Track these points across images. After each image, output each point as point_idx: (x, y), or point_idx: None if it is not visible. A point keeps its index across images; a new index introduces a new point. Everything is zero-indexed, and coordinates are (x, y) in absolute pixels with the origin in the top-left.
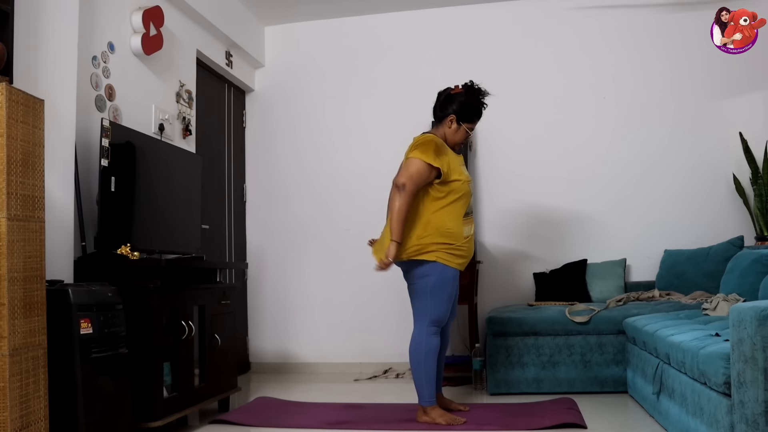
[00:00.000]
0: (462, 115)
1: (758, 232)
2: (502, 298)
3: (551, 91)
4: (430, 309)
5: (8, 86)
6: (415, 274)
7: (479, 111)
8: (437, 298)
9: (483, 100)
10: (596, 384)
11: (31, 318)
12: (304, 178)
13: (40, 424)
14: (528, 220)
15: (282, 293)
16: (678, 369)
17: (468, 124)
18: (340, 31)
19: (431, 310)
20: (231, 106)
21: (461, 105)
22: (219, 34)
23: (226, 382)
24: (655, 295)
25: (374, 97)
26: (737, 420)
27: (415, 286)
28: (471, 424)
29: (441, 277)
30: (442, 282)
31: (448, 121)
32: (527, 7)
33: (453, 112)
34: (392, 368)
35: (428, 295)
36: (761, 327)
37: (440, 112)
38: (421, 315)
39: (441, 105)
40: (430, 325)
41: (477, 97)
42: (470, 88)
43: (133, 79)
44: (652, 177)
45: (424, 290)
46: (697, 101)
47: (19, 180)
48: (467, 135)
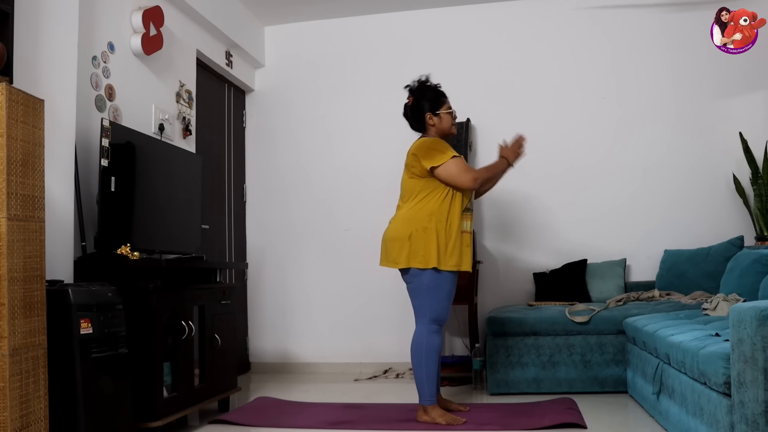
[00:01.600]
0: (432, 106)
1: (758, 232)
2: (502, 298)
3: (551, 91)
4: (429, 308)
5: (8, 86)
6: (411, 272)
7: (439, 91)
8: (435, 297)
9: (433, 83)
10: (596, 384)
11: (31, 318)
12: (304, 178)
13: (40, 424)
14: (528, 220)
15: (282, 293)
16: (678, 369)
17: (443, 108)
18: (341, 32)
19: (430, 309)
20: (231, 106)
21: (424, 101)
22: (219, 34)
23: (226, 382)
24: (655, 295)
25: (374, 97)
26: (737, 420)
27: (412, 285)
28: (471, 424)
29: (436, 275)
30: (437, 280)
31: (428, 120)
32: (527, 8)
33: (424, 111)
34: (392, 368)
35: (425, 294)
36: (761, 327)
37: (418, 122)
38: (421, 314)
39: (413, 118)
40: (431, 323)
41: (427, 85)
42: (414, 88)
43: (133, 79)
44: (652, 177)
45: (419, 289)
46: (697, 101)
47: (19, 180)
48: (452, 115)
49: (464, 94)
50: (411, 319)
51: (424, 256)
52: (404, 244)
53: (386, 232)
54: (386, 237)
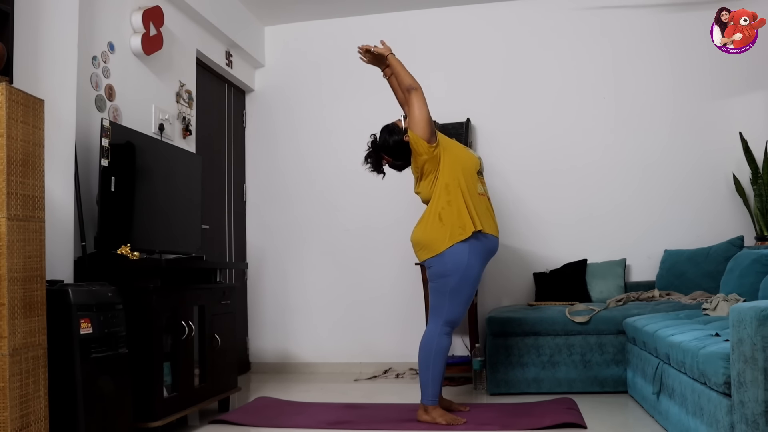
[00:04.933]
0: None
1: (758, 232)
2: (502, 298)
3: (551, 91)
4: (447, 308)
5: (8, 86)
6: (437, 272)
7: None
8: (455, 298)
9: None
10: (596, 384)
11: (31, 318)
12: (304, 177)
13: (40, 424)
14: (528, 220)
15: (282, 293)
16: (678, 369)
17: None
18: (341, 31)
19: (448, 310)
20: (231, 106)
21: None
22: (219, 34)
23: (226, 382)
24: (655, 295)
25: (374, 97)
26: (737, 420)
27: (436, 284)
28: (471, 424)
29: (463, 276)
30: (463, 281)
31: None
32: (527, 8)
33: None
34: (392, 368)
35: (447, 296)
36: (761, 327)
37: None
38: (437, 313)
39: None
40: (444, 325)
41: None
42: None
43: (133, 79)
44: (652, 177)
45: (443, 289)
46: (697, 101)
47: (19, 180)
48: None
49: (464, 94)
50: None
51: (461, 227)
52: (439, 230)
53: (415, 233)
54: (416, 237)
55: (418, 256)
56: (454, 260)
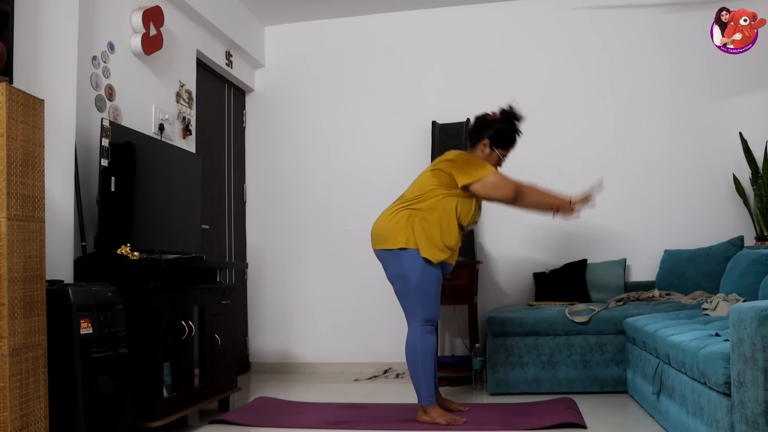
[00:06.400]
0: (496, 140)
1: (758, 232)
2: (502, 298)
3: (551, 91)
4: (419, 307)
5: (8, 86)
6: (395, 274)
7: (513, 138)
8: (421, 295)
9: (518, 127)
10: (596, 384)
11: (31, 318)
12: (304, 177)
13: (40, 424)
14: (527, 220)
15: (282, 293)
16: (678, 369)
17: (501, 150)
18: (341, 32)
19: (421, 309)
20: (231, 106)
21: (497, 131)
22: (219, 34)
23: (226, 382)
24: (655, 295)
25: (374, 97)
26: (737, 420)
27: (399, 287)
28: (471, 424)
29: (422, 276)
30: (423, 279)
31: (482, 145)
32: (526, 8)
33: (488, 137)
34: (392, 368)
35: (412, 295)
36: (761, 327)
37: (475, 136)
38: (412, 315)
39: (476, 129)
40: (423, 324)
41: (513, 124)
42: (507, 114)
43: (133, 79)
44: (652, 177)
45: (406, 289)
46: (696, 101)
47: (19, 180)
48: (500, 161)
49: (463, 94)
50: None
51: (430, 246)
52: (404, 228)
53: (379, 221)
54: (379, 225)
55: (374, 243)
56: (412, 263)
